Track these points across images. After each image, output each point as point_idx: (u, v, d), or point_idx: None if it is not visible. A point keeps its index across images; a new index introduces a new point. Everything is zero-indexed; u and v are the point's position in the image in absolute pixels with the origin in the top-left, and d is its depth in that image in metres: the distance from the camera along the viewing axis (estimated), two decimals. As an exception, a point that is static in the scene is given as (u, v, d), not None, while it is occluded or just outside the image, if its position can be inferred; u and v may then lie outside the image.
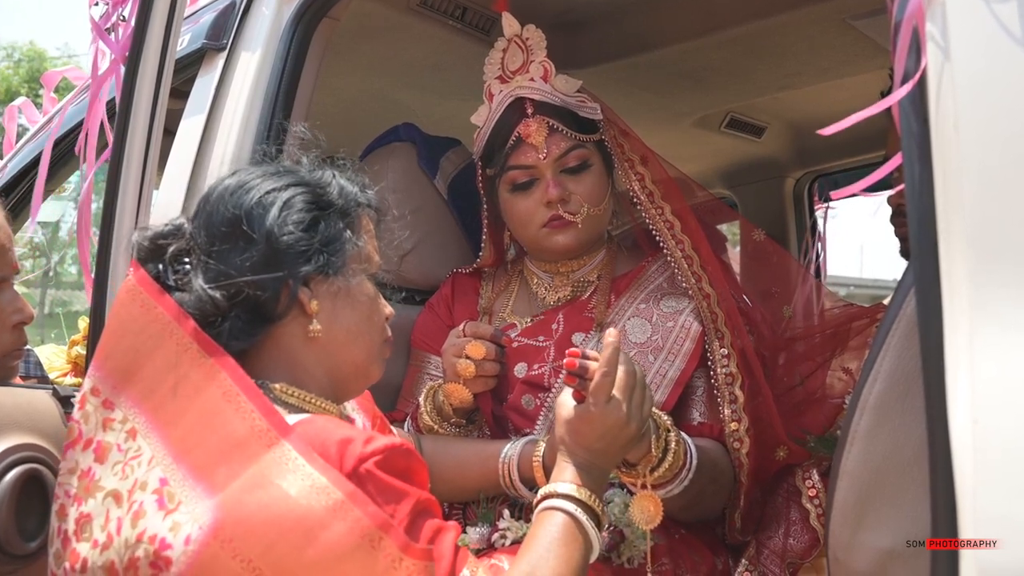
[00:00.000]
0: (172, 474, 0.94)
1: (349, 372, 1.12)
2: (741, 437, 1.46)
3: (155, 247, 1.08)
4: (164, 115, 1.38)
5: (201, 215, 1.08)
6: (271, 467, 0.90)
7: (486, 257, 1.74)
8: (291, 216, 1.04)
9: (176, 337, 1.00)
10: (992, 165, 0.76)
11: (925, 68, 0.79)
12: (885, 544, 0.90)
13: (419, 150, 1.95)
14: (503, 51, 1.62)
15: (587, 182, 1.56)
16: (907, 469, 0.88)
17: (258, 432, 0.93)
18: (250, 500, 0.89)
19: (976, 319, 0.74)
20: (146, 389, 1.00)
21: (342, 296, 1.08)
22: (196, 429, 0.95)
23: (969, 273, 0.75)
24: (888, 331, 0.90)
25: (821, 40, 2.03)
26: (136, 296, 1.03)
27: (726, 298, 1.53)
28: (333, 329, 1.08)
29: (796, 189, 2.94)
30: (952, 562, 0.72)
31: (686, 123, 2.57)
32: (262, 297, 1.03)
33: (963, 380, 0.73)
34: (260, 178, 1.08)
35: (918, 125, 0.80)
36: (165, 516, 0.91)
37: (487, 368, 1.48)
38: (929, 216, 0.78)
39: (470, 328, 1.51)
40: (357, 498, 0.89)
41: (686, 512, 1.42)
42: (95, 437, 1.01)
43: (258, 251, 1.03)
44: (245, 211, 1.04)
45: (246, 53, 1.62)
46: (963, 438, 0.72)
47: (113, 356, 1.03)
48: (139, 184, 1.35)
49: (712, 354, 1.50)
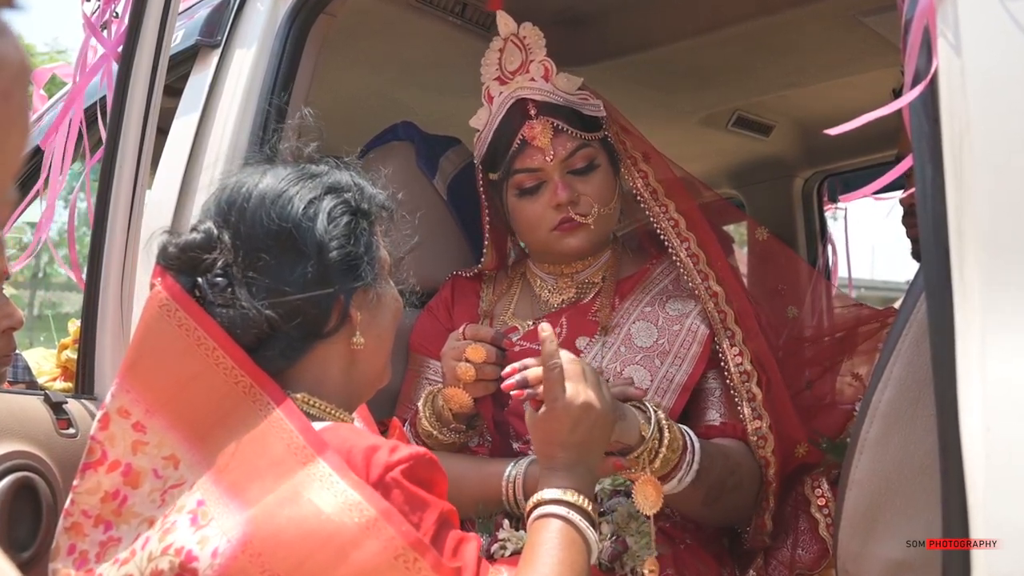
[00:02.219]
0: (209, 495, 0.94)
1: (370, 378, 1.13)
2: (764, 434, 1.45)
3: (187, 258, 1.04)
4: (158, 113, 1.39)
5: (238, 224, 1.04)
6: (304, 482, 0.91)
7: (488, 262, 1.74)
8: (337, 228, 1.04)
9: (224, 368, 0.99)
10: (1005, 166, 0.76)
11: (936, 68, 0.79)
12: (896, 555, 0.91)
13: (418, 149, 1.95)
14: (500, 51, 1.61)
15: (595, 182, 1.57)
16: (918, 478, 0.88)
17: (294, 449, 0.93)
18: (281, 515, 0.89)
19: (988, 323, 0.74)
20: (187, 416, 0.99)
21: (375, 304, 1.09)
22: (241, 457, 0.96)
23: (981, 276, 0.75)
24: (899, 336, 0.90)
25: (830, 36, 2.03)
26: (170, 313, 1.01)
27: (736, 293, 1.54)
28: (370, 337, 1.09)
29: (805, 189, 2.94)
30: (964, 572, 0.72)
31: (691, 121, 2.57)
32: (316, 314, 1.03)
33: (975, 386, 0.74)
34: (294, 184, 1.06)
35: (929, 125, 0.80)
36: (195, 531, 0.92)
37: (487, 372, 1.47)
38: (940, 218, 0.78)
39: (470, 331, 1.50)
40: (391, 516, 0.89)
41: (710, 508, 1.40)
42: (123, 460, 1.00)
43: (312, 266, 1.02)
44: (294, 223, 1.02)
45: (241, 50, 1.62)
46: (975, 445, 0.72)
47: (145, 377, 1.01)
48: (132, 184, 1.36)
49: (723, 353, 1.50)
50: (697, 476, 1.33)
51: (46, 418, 1.30)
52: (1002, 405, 0.72)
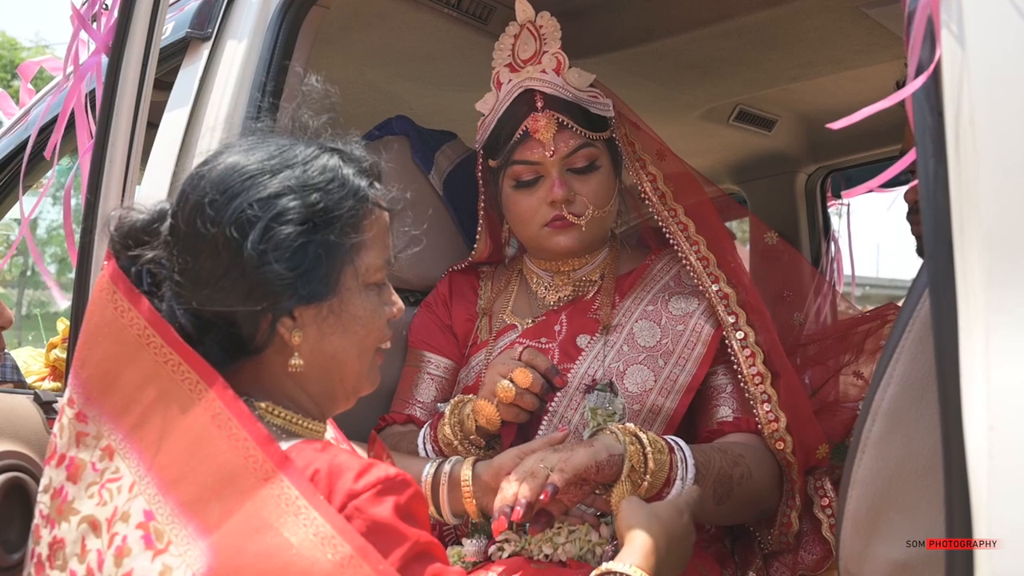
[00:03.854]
0: (159, 508, 0.89)
1: (335, 394, 1.06)
2: (782, 436, 1.45)
3: (126, 243, 1.01)
4: (148, 107, 1.39)
5: (178, 215, 0.99)
6: (269, 507, 0.86)
7: (481, 250, 1.73)
8: (276, 239, 0.94)
9: (154, 347, 0.94)
10: (1010, 160, 0.76)
11: (940, 59, 0.79)
12: (899, 555, 0.91)
13: (413, 144, 1.96)
14: (515, 37, 1.61)
15: (593, 183, 1.57)
16: (921, 477, 0.88)
17: (253, 464, 0.88)
18: (249, 548, 0.84)
19: (992, 321, 0.74)
20: (121, 404, 0.95)
21: (331, 322, 1.00)
22: (183, 457, 0.91)
23: (985, 273, 0.75)
24: (901, 333, 0.90)
25: (834, 29, 2.03)
26: (111, 295, 0.98)
27: (748, 292, 1.54)
28: (317, 357, 1.01)
29: (808, 185, 2.94)
30: (967, 572, 0.73)
31: (693, 116, 2.57)
32: (233, 333, 0.98)
33: (979, 384, 0.74)
34: (249, 178, 0.97)
35: (932, 118, 0.80)
36: (154, 557, 0.87)
37: (526, 401, 1.43)
38: (944, 214, 0.78)
39: (527, 355, 1.44)
40: (367, 554, 0.83)
41: (725, 506, 1.39)
42: (68, 453, 0.97)
43: (232, 279, 0.95)
44: (223, 228, 0.94)
45: (232, 42, 1.62)
46: (979, 445, 0.73)
47: (88, 364, 0.98)
48: (123, 179, 1.36)
49: (735, 356, 1.50)
50: (696, 474, 1.33)
51: (36, 418, 1.30)
52: (1006, 403, 0.72)
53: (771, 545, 1.52)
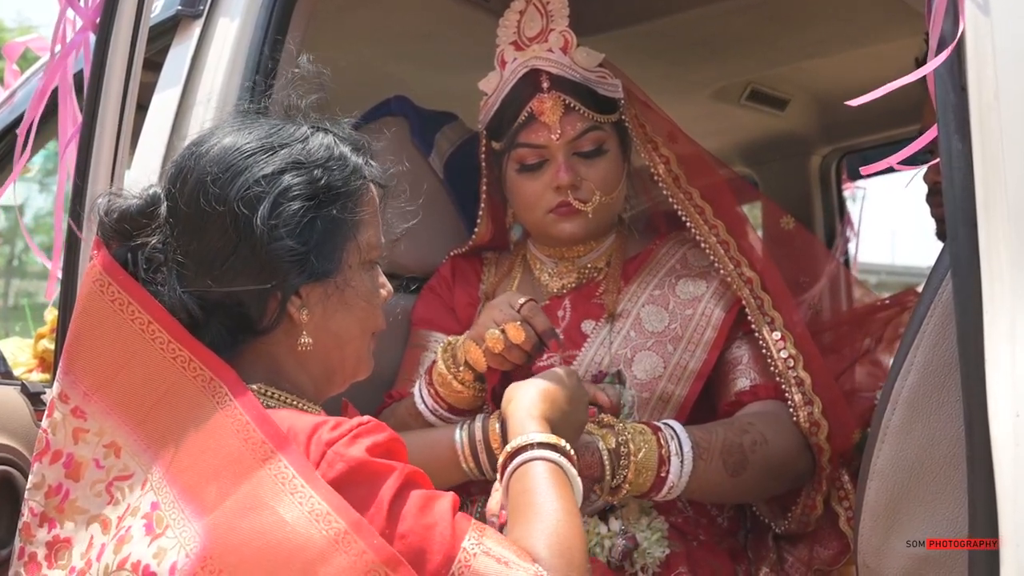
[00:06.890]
0: (164, 496, 0.91)
1: (335, 375, 1.09)
2: (818, 420, 1.44)
3: (122, 229, 1.02)
4: (137, 88, 1.38)
5: (178, 197, 1.01)
6: (266, 486, 0.88)
7: (482, 233, 1.73)
8: (285, 214, 0.97)
9: (160, 342, 0.96)
10: (1036, 137, 0.76)
11: (963, 32, 0.79)
12: (919, 549, 0.91)
13: (412, 125, 1.95)
14: (520, 13, 1.59)
15: (601, 167, 1.56)
16: (943, 468, 0.88)
17: (252, 444, 0.90)
18: (243, 526, 0.87)
19: (1018, 305, 0.74)
20: (125, 399, 0.97)
21: (335, 300, 1.04)
22: (192, 450, 0.93)
23: (1011, 255, 0.75)
24: (922, 319, 0.90)
25: (850, 4, 2.02)
26: (104, 288, 0.99)
27: (771, 277, 1.53)
28: (322, 336, 1.04)
29: (822, 167, 2.93)
30: (992, 566, 0.72)
31: (703, 95, 2.56)
32: (243, 312, 1.00)
33: (1004, 371, 0.73)
34: (253, 153, 1.00)
35: (955, 94, 0.80)
36: (151, 542, 0.89)
37: (514, 355, 1.41)
38: (967, 193, 0.77)
39: (527, 310, 1.41)
40: (361, 529, 0.86)
41: (742, 478, 1.37)
42: (64, 450, 0.98)
43: (243, 259, 0.97)
44: (230, 206, 0.96)
45: (224, 20, 1.61)
46: (1004, 433, 0.72)
47: (83, 358, 0.99)
48: (111, 163, 1.35)
49: (764, 341, 1.49)
50: (697, 448, 1.33)
51: (23, 409, 1.30)
52: (1032, 390, 0.72)
53: (790, 525, 1.49)
